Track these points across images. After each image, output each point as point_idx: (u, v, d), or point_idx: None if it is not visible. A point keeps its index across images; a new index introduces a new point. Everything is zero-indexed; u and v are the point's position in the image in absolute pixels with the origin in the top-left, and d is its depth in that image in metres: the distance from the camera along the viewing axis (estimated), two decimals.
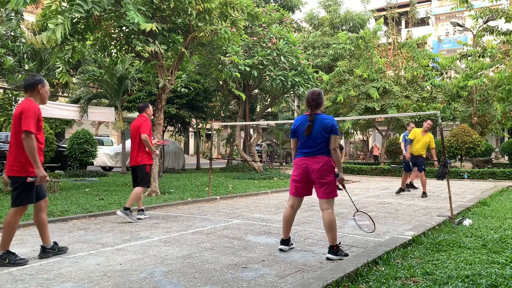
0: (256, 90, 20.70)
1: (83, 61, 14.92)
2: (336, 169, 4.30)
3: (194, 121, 19.83)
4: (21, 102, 4.20)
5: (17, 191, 4.09)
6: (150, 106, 6.94)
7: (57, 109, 15.81)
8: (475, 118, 19.53)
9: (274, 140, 29.03)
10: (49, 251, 4.28)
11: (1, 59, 11.82)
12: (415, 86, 20.05)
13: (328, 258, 4.15)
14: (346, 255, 4.18)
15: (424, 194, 9.79)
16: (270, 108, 24.33)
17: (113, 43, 9.49)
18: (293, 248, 4.63)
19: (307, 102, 4.38)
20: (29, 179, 4.05)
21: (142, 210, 6.71)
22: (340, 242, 4.31)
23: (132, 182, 6.76)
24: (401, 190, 10.50)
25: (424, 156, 9.91)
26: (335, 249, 4.17)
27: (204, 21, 8.91)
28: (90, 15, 8.04)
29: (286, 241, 4.55)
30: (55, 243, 4.39)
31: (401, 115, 17.66)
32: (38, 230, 4.31)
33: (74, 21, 8.15)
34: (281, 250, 4.50)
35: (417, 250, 4.39)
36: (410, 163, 9.90)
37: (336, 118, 16.28)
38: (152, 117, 7.46)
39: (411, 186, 11.85)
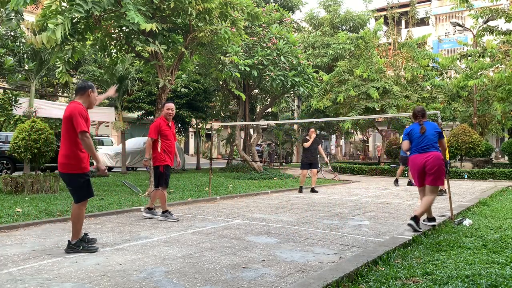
0: (256, 90, 20.71)
1: (83, 61, 14.90)
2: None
3: (194, 121, 19.85)
4: (68, 105, 4.50)
5: (76, 189, 4.42)
6: (166, 105, 6.81)
7: (57, 109, 15.79)
8: (475, 118, 19.53)
9: (273, 140, 29.04)
10: (73, 246, 4.46)
11: (1, 59, 11.82)
12: (415, 86, 20.03)
13: (409, 224, 5.24)
14: (419, 230, 5.16)
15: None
16: (270, 108, 24.34)
17: (113, 43, 9.49)
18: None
19: (414, 115, 5.70)
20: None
21: (151, 208, 6.75)
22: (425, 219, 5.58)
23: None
24: (441, 191, 9.85)
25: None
26: (417, 220, 5.23)
27: (204, 21, 8.91)
28: (90, 15, 8.03)
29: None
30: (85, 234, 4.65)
31: (401, 115, 17.66)
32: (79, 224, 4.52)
33: (74, 21, 8.15)
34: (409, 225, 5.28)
35: (417, 250, 4.39)
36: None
37: (336, 118, 16.09)
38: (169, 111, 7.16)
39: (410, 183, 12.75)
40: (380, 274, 3.55)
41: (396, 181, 13.01)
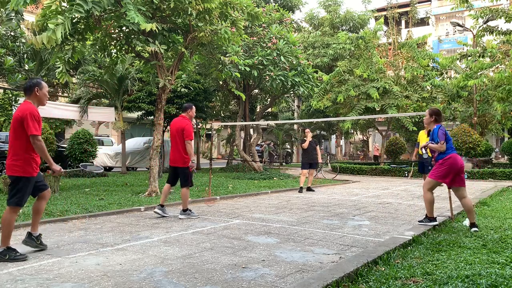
0: (256, 90, 20.70)
1: (83, 61, 14.92)
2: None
3: (194, 121, 19.84)
4: (20, 105, 4.34)
5: (14, 191, 4.20)
6: (194, 108, 6.95)
7: (57, 109, 15.81)
8: (475, 118, 19.53)
9: (273, 140, 29.05)
10: (33, 238, 4.47)
11: (1, 59, 11.82)
12: (415, 86, 20.04)
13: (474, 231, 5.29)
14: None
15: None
16: (270, 108, 24.33)
17: (113, 43, 9.49)
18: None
19: (441, 116, 5.71)
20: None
21: (162, 205, 6.81)
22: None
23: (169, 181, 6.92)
24: None
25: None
26: (474, 225, 5.41)
27: (204, 21, 8.90)
28: (90, 15, 8.03)
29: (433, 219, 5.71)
30: (40, 235, 4.57)
31: (401, 115, 17.67)
32: (33, 218, 4.54)
33: (74, 21, 8.14)
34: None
35: (417, 250, 4.39)
36: (424, 163, 9.73)
37: (336, 118, 16.03)
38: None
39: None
40: (380, 274, 3.55)
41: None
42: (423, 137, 9.86)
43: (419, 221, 5.87)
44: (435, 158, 5.70)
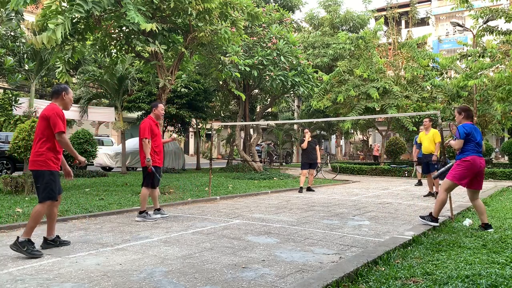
0: (256, 90, 20.71)
1: (83, 61, 14.90)
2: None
3: (194, 121, 19.85)
4: (47, 106, 4.64)
5: (42, 186, 4.42)
6: (160, 105, 6.81)
7: None
8: (475, 118, 19.52)
9: (273, 140, 29.05)
10: (50, 242, 4.64)
11: (1, 59, 11.82)
12: (415, 86, 20.03)
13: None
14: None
15: (430, 194, 9.78)
16: (270, 108, 24.34)
17: (113, 43, 9.50)
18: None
19: (470, 114, 5.59)
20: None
21: (158, 209, 6.76)
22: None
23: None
24: (429, 194, 9.91)
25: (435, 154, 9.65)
26: (488, 225, 5.45)
27: (204, 21, 8.91)
28: (90, 15, 8.04)
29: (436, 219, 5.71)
30: (57, 236, 4.76)
31: (401, 115, 17.66)
32: (47, 223, 4.70)
33: (74, 21, 8.16)
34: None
35: (417, 250, 4.39)
36: (428, 163, 9.69)
37: (336, 118, 15.90)
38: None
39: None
40: (380, 274, 3.55)
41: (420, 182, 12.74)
42: (423, 138, 9.88)
43: (420, 216, 5.85)
44: (455, 157, 5.65)
